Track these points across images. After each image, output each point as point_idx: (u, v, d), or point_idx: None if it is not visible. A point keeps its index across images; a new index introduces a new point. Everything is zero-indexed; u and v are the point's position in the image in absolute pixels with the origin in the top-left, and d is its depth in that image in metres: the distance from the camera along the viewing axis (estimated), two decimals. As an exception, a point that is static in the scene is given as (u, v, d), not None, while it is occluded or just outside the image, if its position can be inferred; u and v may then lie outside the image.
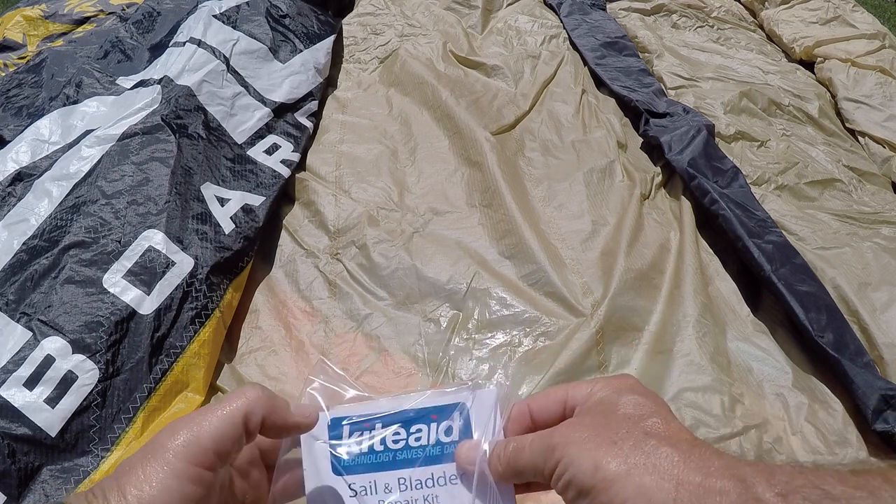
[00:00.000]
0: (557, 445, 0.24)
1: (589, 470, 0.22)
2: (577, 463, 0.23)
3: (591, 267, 0.64)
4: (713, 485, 0.20)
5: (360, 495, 0.28)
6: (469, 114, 0.84)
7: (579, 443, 0.24)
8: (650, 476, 0.21)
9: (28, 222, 0.58)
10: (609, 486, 0.22)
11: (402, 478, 0.28)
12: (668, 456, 0.22)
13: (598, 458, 0.22)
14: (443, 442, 0.29)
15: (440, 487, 0.28)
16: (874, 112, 0.92)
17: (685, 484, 0.21)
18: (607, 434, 0.23)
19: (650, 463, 0.22)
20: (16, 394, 0.46)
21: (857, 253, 0.68)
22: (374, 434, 0.29)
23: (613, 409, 0.25)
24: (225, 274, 0.60)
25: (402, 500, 0.28)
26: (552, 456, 0.24)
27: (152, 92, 0.71)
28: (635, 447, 0.22)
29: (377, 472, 0.29)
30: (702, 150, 0.76)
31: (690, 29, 1.17)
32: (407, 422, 0.29)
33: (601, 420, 0.24)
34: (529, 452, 0.26)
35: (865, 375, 0.53)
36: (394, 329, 0.59)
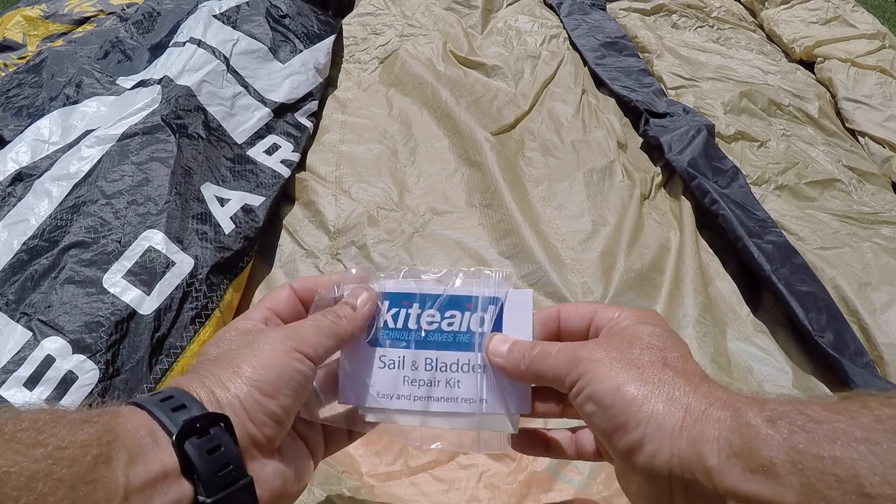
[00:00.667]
0: (583, 360, 0.26)
1: (610, 389, 0.25)
2: (601, 380, 0.25)
3: (591, 267, 0.64)
4: (714, 413, 0.23)
5: (389, 368, 0.30)
6: (469, 114, 0.84)
7: (605, 362, 0.26)
8: (664, 403, 0.24)
9: (28, 222, 0.58)
10: (627, 407, 0.24)
11: (430, 358, 0.30)
12: (681, 387, 0.24)
13: (621, 379, 0.25)
14: (473, 331, 0.31)
15: (463, 374, 0.30)
16: (874, 112, 0.92)
17: (691, 412, 0.23)
18: (631, 359, 0.25)
19: (665, 391, 0.24)
20: (16, 394, 0.46)
21: (857, 253, 0.68)
22: (410, 312, 0.31)
23: (638, 337, 0.27)
24: (225, 274, 0.60)
25: (426, 379, 0.30)
26: (576, 368, 0.26)
27: (152, 92, 0.71)
28: (654, 375, 0.25)
29: (408, 349, 0.31)
30: (702, 150, 0.76)
31: (690, 29, 1.17)
32: (442, 306, 0.31)
33: (626, 345, 0.26)
34: (555, 359, 0.27)
35: (865, 375, 0.53)
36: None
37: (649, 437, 0.23)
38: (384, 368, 0.30)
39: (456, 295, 0.31)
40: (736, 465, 0.21)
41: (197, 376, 0.26)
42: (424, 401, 0.30)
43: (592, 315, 0.29)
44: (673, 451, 0.23)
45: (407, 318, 0.31)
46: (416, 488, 0.47)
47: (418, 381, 0.30)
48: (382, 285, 0.31)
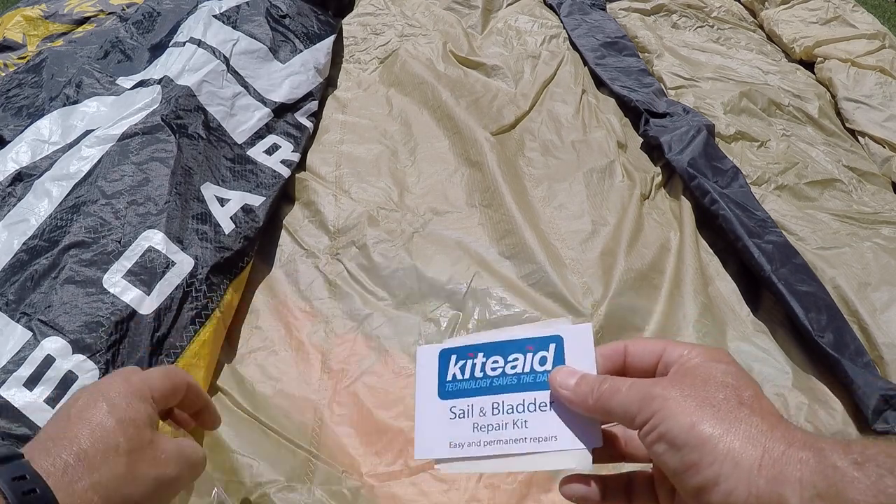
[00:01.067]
0: (657, 397, 0.25)
1: (685, 427, 0.24)
2: (675, 418, 0.24)
3: (591, 267, 0.64)
4: (794, 454, 0.22)
5: (458, 417, 0.31)
6: (469, 114, 0.84)
7: (679, 400, 0.25)
8: (740, 442, 0.23)
9: (28, 222, 0.58)
10: (702, 445, 0.23)
11: (496, 402, 0.30)
12: (757, 425, 0.23)
13: (696, 417, 0.24)
14: (536, 370, 0.31)
15: (530, 413, 0.30)
16: (874, 112, 0.92)
17: (770, 451, 0.22)
18: (705, 397, 0.25)
19: (742, 430, 0.23)
20: (16, 394, 0.46)
21: (857, 253, 0.68)
22: (476, 362, 0.32)
23: (711, 375, 0.26)
24: (225, 274, 0.60)
25: (494, 423, 0.30)
26: (649, 406, 0.25)
27: (152, 92, 0.72)
28: (730, 413, 0.24)
29: (475, 396, 0.31)
30: (702, 150, 0.76)
31: (690, 29, 1.17)
32: (505, 351, 0.32)
33: (700, 383, 0.26)
34: (626, 395, 0.27)
35: (865, 375, 0.53)
36: (394, 329, 0.59)
37: (724, 475, 0.23)
38: (455, 419, 0.31)
39: (517, 339, 0.32)
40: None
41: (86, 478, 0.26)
42: (495, 445, 0.30)
43: (661, 351, 0.29)
44: (751, 491, 0.22)
45: (473, 367, 0.32)
46: (416, 488, 0.47)
47: (487, 427, 0.30)
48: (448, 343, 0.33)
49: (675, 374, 0.27)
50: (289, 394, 0.54)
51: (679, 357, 0.28)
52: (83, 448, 0.27)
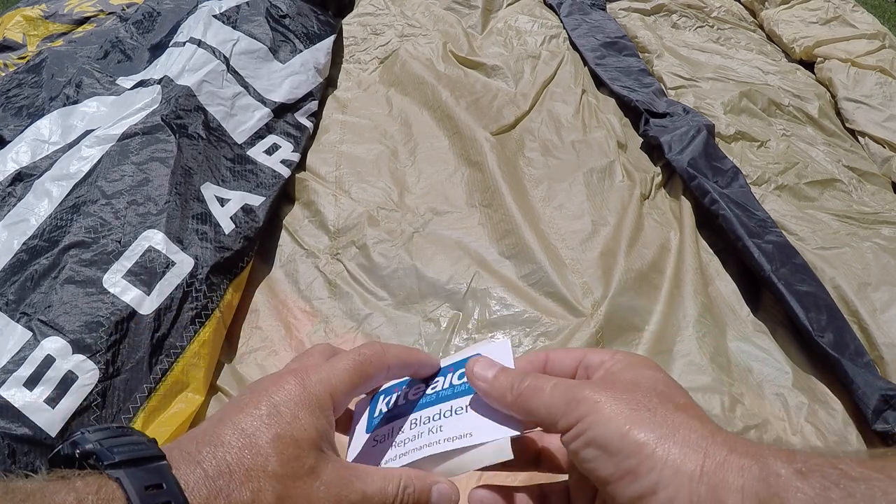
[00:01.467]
0: (585, 400, 0.24)
1: (618, 431, 0.23)
2: (607, 423, 0.23)
3: (591, 267, 0.64)
4: (736, 461, 0.21)
5: (379, 443, 0.30)
6: (469, 114, 0.84)
7: (610, 403, 0.23)
8: (679, 447, 0.22)
9: (28, 222, 0.58)
10: (638, 451, 0.22)
11: (414, 419, 0.30)
12: (698, 430, 0.22)
13: (631, 421, 0.23)
14: (454, 384, 0.30)
15: (445, 419, 0.29)
16: (874, 112, 0.92)
17: (711, 457, 0.21)
18: (639, 401, 0.23)
19: (681, 435, 0.22)
20: (16, 394, 0.46)
21: (857, 253, 0.68)
22: (399, 393, 0.32)
23: (640, 381, 0.25)
24: (225, 274, 0.60)
25: (410, 437, 0.29)
26: (576, 408, 0.24)
27: (152, 92, 0.72)
28: (667, 417, 0.23)
29: (395, 420, 0.30)
30: (702, 150, 0.76)
31: (690, 29, 1.17)
32: (429, 378, 0.31)
33: (631, 388, 0.24)
34: (550, 395, 0.25)
35: (865, 375, 0.53)
36: (394, 329, 0.59)
37: (664, 482, 0.21)
38: (376, 446, 0.30)
39: (443, 366, 0.32)
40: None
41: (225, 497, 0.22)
42: (411, 454, 0.28)
43: (581, 357, 0.27)
44: (692, 499, 0.21)
45: (396, 398, 0.31)
46: (416, 488, 0.47)
47: (404, 441, 0.29)
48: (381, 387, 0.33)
49: (602, 379, 0.26)
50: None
51: (602, 362, 0.27)
52: (227, 461, 0.22)
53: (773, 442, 0.23)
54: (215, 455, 0.22)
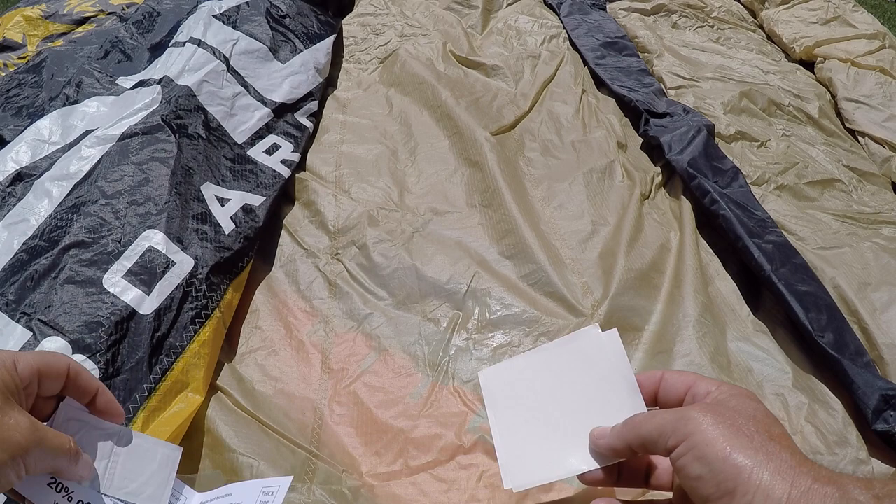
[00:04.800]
0: (691, 420, 0.27)
1: (721, 454, 0.25)
2: (710, 443, 0.26)
3: (591, 267, 0.64)
4: (820, 489, 0.24)
5: None
6: (469, 114, 0.84)
7: (714, 424, 0.26)
8: (771, 475, 0.24)
9: (28, 222, 0.58)
10: (737, 474, 0.25)
11: None
12: (787, 460, 0.25)
13: (731, 446, 0.25)
14: None
15: None
16: (874, 112, 0.92)
17: (797, 485, 0.24)
18: (739, 427, 0.26)
19: (773, 463, 0.25)
20: (16, 394, 0.46)
21: (857, 253, 0.68)
22: None
23: (742, 409, 0.27)
24: (225, 274, 0.60)
25: None
26: (683, 427, 0.27)
27: (152, 92, 0.72)
28: (763, 446, 0.25)
29: None
30: (702, 150, 0.76)
31: (690, 29, 1.17)
32: None
33: (733, 415, 0.27)
34: (661, 417, 0.28)
35: (865, 375, 0.53)
36: (394, 329, 0.59)
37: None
38: None
39: None
40: None
41: None
42: None
43: (692, 383, 0.30)
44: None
45: None
46: (416, 488, 0.47)
47: None
48: None
49: (707, 404, 0.28)
50: (289, 393, 0.54)
51: (708, 392, 0.29)
52: None
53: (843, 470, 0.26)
54: None
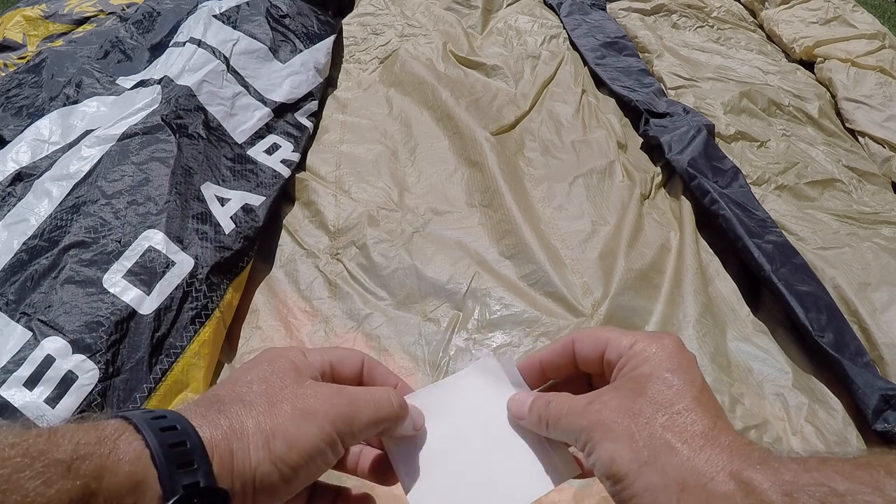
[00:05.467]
0: (584, 430, 0.26)
1: (607, 461, 0.24)
2: (598, 451, 0.25)
3: (591, 267, 0.64)
4: (717, 488, 0.21)
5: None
6: (469, 114, 0.84)
7: (602, 430, 0.25)
8: (657, 477, 0.22)
9: (28, 222, 0.58)
10: (622, 480, 0.23)
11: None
12: (676, 456, 0.23)
13: (615, 449, 0.24)
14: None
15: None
16: (874, 112, 0.92)
17: (689, 489, 0.22)
18: (628, 424, 0.24)
19: (659, 464, 0.23)
20: (16, 394, 0.46)
21: (857, 253, 0.68)
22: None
23: (643, 389, 0.25)
24: (225, 274, 0.60)
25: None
26: (581, 438, 0.26)
27: (152, 92, 0.71)
28: (649, 443, 0.24)
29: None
30: (702, 150, 0.76)
31: (690, 29, 1.17)
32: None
33: (628, 402, 0.25)
34: (565, 423, 0.27)
35: (865, 375, 0.53)
36: (394, 329, 0.59)
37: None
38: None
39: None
40: None
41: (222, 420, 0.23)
42: None
43: (604, 347, 0.28)
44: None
45: None
46: (416, 488, 0.47)
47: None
48: None
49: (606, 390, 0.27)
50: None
51: (620, 354, 0.27)
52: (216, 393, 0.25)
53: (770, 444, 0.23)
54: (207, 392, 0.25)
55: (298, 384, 0.26)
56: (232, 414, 0.24)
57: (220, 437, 0.23)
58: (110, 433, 0.21)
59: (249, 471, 0.23)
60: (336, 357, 0.29)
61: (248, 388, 0.25)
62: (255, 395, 0.25)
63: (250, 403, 0.24)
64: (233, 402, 0.24)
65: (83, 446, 0.19)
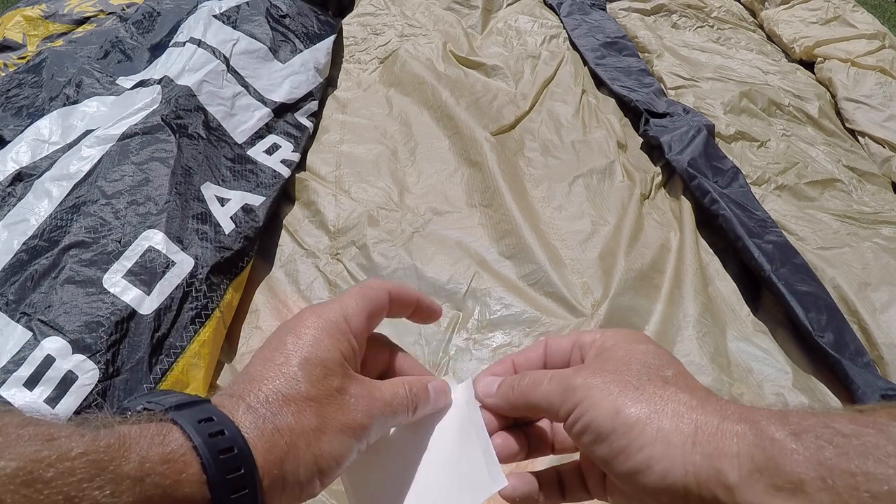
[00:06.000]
0: (578, 387, 0.25)
1: (609, 413, 0.23)
2: (598, 407, 0.24)
3: (591, 267, 0.64)
4: (730, 427, 0.21)
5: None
6: (469, 114, 0.84)
7: (601, 387, 0.24)
8: (669, 420, 0.22)
9: (28, 222, 0.58)
10: (629, 430, 0.23)
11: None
12: (686, 402, 0.23)
13: (620, 402, 0.23)
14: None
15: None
16: (874, 112, 0.92)
17: (703, 427, 0.22)
18: (628, 380, 0.24)
19: (670, 408, 0.23)
20: (16, 394, 0.46)
21: (857, 253, 0.68)
22: None
23: (631, 357, 0.25)
24: (225, 274, 0.60)
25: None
26: (571, 397, 0.25)
27: (152, 92, 0.71)
28: (655, 393, 0.23)
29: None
30: (702, 150, 0.76)
31: (690, 29, 1.17)
32: None
33: (622, 367, 0.25)
34: (547, 387, 0.26)
35: (865, 375, 0.53)
36: (394, 329, 0.59)
37: (656, 457, 0.22)
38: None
39: None
40: (759, 481, 0.20)
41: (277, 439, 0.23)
42: None
43: (573, 341, 0.28)
44: (687, 469, 0.22)
45: None
46: (416, 488, 0.47)
47: None
48: None
49: (594, 360, 0.27)
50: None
51: (593, 341, 0.28)
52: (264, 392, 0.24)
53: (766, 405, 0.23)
54: (251, 389, 0.24)
55: (343, 391, 0.26)
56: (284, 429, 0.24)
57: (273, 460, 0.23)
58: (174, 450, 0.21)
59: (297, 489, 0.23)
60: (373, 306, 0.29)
61: (296, 387, 0.25)
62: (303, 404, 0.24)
63: (300, 419, 0.24)
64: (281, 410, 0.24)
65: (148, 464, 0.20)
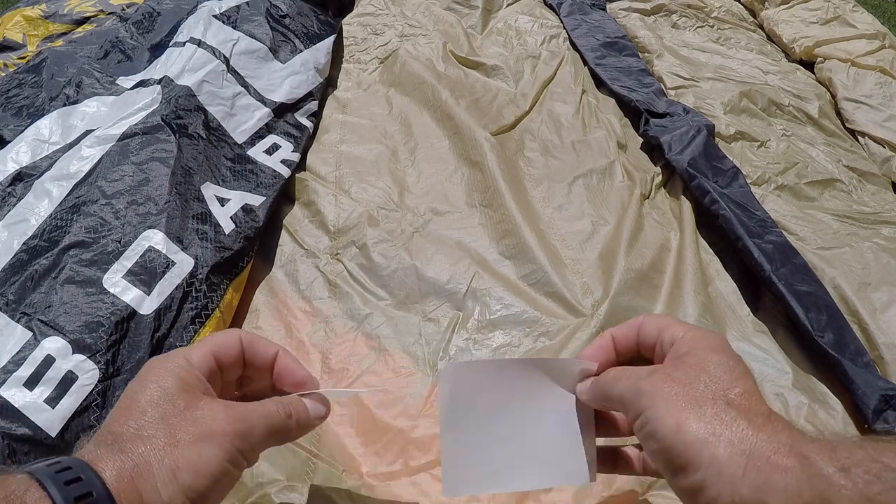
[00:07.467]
0: (646, 393, 0.26)
1: (672, 429, 0.24)
2: (662, 419, 0.25)
3: (591, 267, 0.64)
4: (779, 461, 0.22)
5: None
6: (469, 114, 0.84)
7: (667, 397, 0.25)
8: (724, 448, 0.23)
9: (28, 222, 0.58)
10: (687, 449, 0.24)
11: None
12: (743, 430, 0.23)
13: (682, 418, 0.24)
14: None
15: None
16: (874, 112, 0.92)
17: (754, 459, 0.22)
18: (694, 396, 0.25)
19: (726, 435, 0.23)
20: (16, 394, 0.46)
21: (857, 253, 0.68)
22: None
23: (704, 368, 0.26)
24: (225, 274, 0.60)
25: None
26: (639, 402, 0.26)
27: (152, 92, 0.72)
28: (717, 416, 0.24)
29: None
30: (702, 150, 0.76)
31: (690, 29, 1.17)
32: None
33: (692, 378, 0.26)
34: (623, 385, 0.28)
35: (865, 375, 0.53)
36: (394, 329, 0.59)
37: (709, 482, 0.23)
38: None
39: None
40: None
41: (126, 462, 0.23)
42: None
43: (664, 327, 0.30)
44: (734, 500, 0.22)
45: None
46: (416, 488, 0.47)
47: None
48: None
49: (669, 363, 0.28)
50: (289, 394, 0.54)
51: (674, 339, 0.28)
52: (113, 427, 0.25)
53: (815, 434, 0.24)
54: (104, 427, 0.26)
55: (192, 406, 0.26)
56: (134, 453, 0.24)
57: (125, 481, 0.23)
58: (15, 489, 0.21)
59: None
60: (216, 345, 0.30)
61: (143, 420, 0.25)
62: (151, 426, 0.25)
63: (149, 438, 0.24)
64: (132, 440, 0.24)
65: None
